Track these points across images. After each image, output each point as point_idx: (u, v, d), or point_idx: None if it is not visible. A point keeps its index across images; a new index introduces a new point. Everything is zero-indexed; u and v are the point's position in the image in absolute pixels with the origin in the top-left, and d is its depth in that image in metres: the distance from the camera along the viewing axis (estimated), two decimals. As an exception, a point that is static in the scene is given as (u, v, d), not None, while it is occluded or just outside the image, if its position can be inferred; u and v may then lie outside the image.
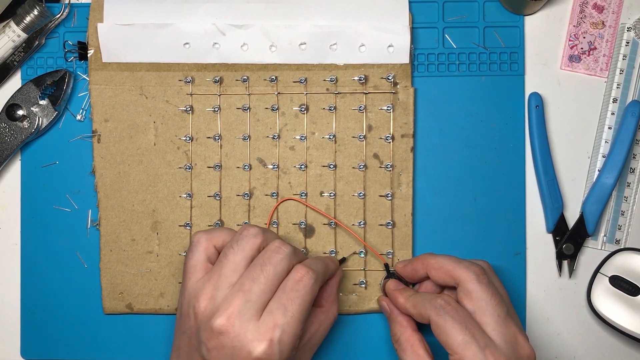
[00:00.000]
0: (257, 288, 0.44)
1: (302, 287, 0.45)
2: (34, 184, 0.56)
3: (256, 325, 0.43)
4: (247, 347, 0.43)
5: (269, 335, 0.43)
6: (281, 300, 0.45)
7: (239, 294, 0.44)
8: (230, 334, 0.43)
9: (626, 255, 0.55)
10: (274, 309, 0.44)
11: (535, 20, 0.57)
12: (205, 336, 0.44)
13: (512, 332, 0.46)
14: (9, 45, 0.55)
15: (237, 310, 0.44)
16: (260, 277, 0.45)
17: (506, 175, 0.56)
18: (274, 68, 0.55)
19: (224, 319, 0.43)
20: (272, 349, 0.43)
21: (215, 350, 0.43)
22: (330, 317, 0.51)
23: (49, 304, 0.56)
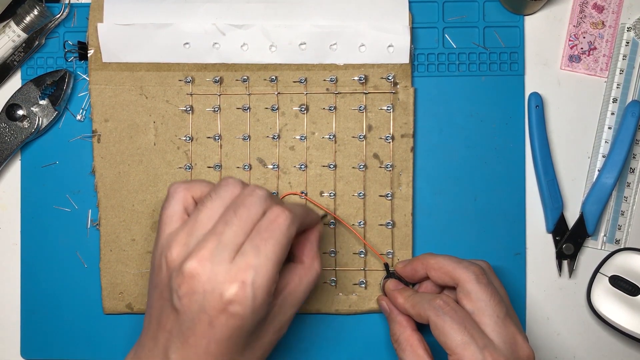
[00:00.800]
0: (230, 231, 0.42)
1: (276, 227, 0.43)
2: (34, 184, 0.56)
3: (228, 267, 0.41)
4: (219, 289, 0.41)
5: (241, 276, 0.41)
6: (254, 242, 0.42)
7: (212, 237, 0.42)
8: (201, 277, 0.41)
9: (626, 255, 0.55)
10: (247, 251, 0.42)
11: (535, 20, 0.57)
12: (177, 283, 0.42)
13: (511, 333, 0.46)
14: (9, 45, 0.56)
15: (208, 253, 0.42)
16: (233, 220, 0.43)
17: (506, 175, 0.56)
18: (274, 68, 0.55)
19: (195, 262, 0.41)
20: (245, 291, 0.41)
21: (187, 297, 0.41)
22: (311, 273, 0.47)
23: (49, 304, 0.56)
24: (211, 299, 0.41)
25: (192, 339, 0.42)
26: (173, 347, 0.42)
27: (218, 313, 0.41)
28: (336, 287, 0.56)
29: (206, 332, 0.41)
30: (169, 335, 0.43)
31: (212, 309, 0.41)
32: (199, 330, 0.41)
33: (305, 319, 0.56)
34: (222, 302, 0.41)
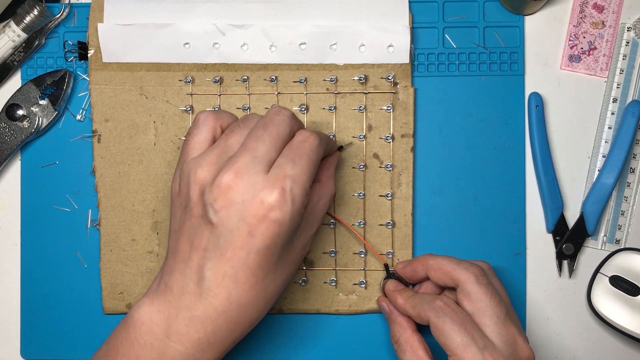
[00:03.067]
0: (262, 146, 0.43)
1: (307, 146, 0.45)
2: (34, 184, 0.56)
3: (265, 177, 0.42)
4: (259, 196, 0.41)
5: (279, 184, 0.42)
6: (288, 156, 0.44)
7: (245, 152, 0.43)
8: (239, 187, 0.42)
9: (626, 255, 0.55)
10: (282, 163, 0.43)
11: (535, 20, 0.57)
12: (212, 197, 0.42)
13: (512, 334, 0.46)
14: (9, 45, 0.56)
15: (244, 165, 0.42)
16: (264, 136, 0.44)
17: (506, 175, 0.56)
18: (274, 68, 0.55)
19: (231, 174, 0.42)
20: (285, 198, 0.42)
21: (224, 209, 0.42)
22: (328, 190, 0.49)
23: (49, 304, 0.56)
24: (251, 207, 0.41)
25: (230, 252, 0.42)
26: (209, 264, 0.43)
27: (259, 221, 0.41)
28: (336, 287, 0.56)
29: (245, 243, 0.42)
30: (204, 252, 0.43)
31: (253, 216, 0.41)
32: (237, 242, 0.42)
33: (305, 319, 0.56)
34: (264, 208, 0.41)
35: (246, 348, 0.56)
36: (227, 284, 0.43)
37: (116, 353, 0.44)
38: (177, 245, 0.45)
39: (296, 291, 0.56)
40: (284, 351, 0.56)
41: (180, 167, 0.46)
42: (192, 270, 0.43)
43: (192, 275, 0.43)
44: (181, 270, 0.44)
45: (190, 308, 0.43)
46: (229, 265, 0.42)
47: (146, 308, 0.44)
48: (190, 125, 0.47)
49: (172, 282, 0.44)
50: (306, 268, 0.55)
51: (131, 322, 0.44)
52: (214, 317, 0.43)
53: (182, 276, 0.44)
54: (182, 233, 0.44)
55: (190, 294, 0.43)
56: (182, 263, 0.44)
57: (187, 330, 0.43)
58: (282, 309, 0.56)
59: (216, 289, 0.43)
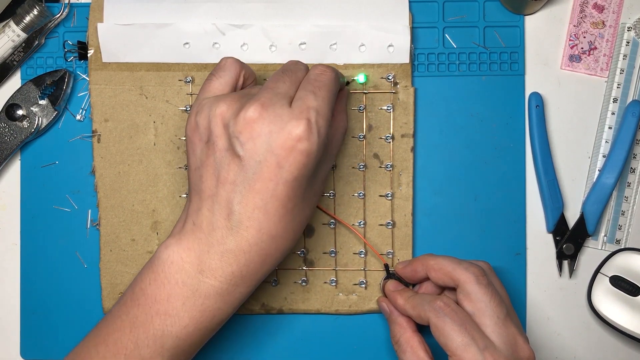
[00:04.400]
0: (282, 85, 0.44)
1: (325, 78, 0.46)
2: (34, 184, 0.56)
3: (290, 110, 0.43)
4: (286, 128, 0.42)
5: (304, 115, 0.42)
6: (308, 88, 0.44)
7: (266, 90, 0.44)
8: (265, 119, 0.42)
9: (626, 255, 0.55)
10: (303, 96, 0.44)
11: (535, 20, 0.57)
12: (238, 129, 0.42)
13: (512, 334, 0.46)
14: (8, 45, 0.55)
15: (268, 99, 0.43)
16: (284, 78, 0.45)
17: (506, 175, 0.56)
18: (274, 68, 0.55)
19: (257, 106, 0.42)
20: (311, 129, 0.42)
21: (251, 141, 0.42)
22: (342, 124, 0.51)
23: (49, 304, 0.56)
24: (279, 139, 0.42)
25: (259, 184, 0.42)
26: (238, 198, 0.43)
27: (287, 152, 0.42)
28: (336, 287, 0.56)
29: (274, 174, 0.42)
30: (232, 186, 0.43)
31: (281, 147, 0.42)
32: (266, 173, 0.42)
33: (305, 319, 0.56)
34: (291, 139, 0.42)
35: (246, 348, 0.56)
36: (258, 216, 0.43)
37: (144, 295, 0.44)
38: (201, 181, 0.44)
39: (296, 291, 0.56)
40: (284, 351, 0.56)
41: (199, 103, 0.45)
42: (221, 206, 0.43)
43: (221, 210, 0.43)
44: (209, 207, 0.44)
45: (222, 243, 0.43)
46: (259, 197, 0.42)
47: (174, 247, 0.44)
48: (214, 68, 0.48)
49: (201, 220, 0.44)
50: (306, 268, 0.55)
51: (159, 263, 0.44)
52: (247, 250, 0.43)
53: (210, 213, 0.44)
54: (207, 168, 0.44)
55: (220, 229, 0.43)
56: (210, 199, 0.44)
57: (220, 265, 0.43)
58: (282, 309, 0.56)
59: (247, 222, 0.43)
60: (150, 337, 0.44)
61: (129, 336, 0.44)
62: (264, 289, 0.56)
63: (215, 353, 0.56)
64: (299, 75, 0.46)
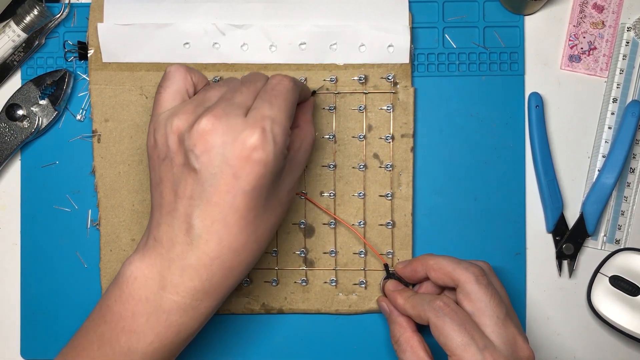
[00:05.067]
0: (239, 95, 0.44)
1: (282, 87, 0.45)
2: (34, 184, 0.56)
3: (244, 120, 0.42)
4: (240, 138, 0.41)
5: (259, 124, 0.42)
6: (264, 98, 0.44)
7: (222, 100, 0.43)
8: (218, 130, 0.41)
9: (626, 255, 0.55)
10: (259, 105, 0.43)
11: (535, 20, 0.57)
12: (192, 142, 0.42)
13: (512, 334, 0.46)
14: (9, 45, 0.56)
15: (221, 110, 0.42)
16: (242, 89, 0.44)
17: (506, 175, 0.56)
18: (274, 68, 0.55)
19: (210, 117, 0.42)
20: (266, 137, 0.41)
21: (205, 153, 0.41)
22: (309, 134, 0.49)
23: (49, 304, 0.56)
24: (233, 149, 0.41)
25: (216, 197, 0.42)
26: (196, 212, 0.42)
27: (242, 162, 0.41)
28: (336, 287, 0.56)
29: (231, 185, 0.41)
30: (190, 200, 0.42)
31: (236, 158, 0.41)
32: (222, 185, 0.41)
33: (305, 319, 0.56)
34: (246, 149, 0.41)
35: (246, 348, 0.56)
36: (217, 229, 0.42)
37: (110, 312, 0.44)
38: (161, 197, 0.44)
39: (296, 291, 0.56)
40: (284, 351, 0.56)
41: (154, 120, 0.45)
42: (180, 221, 0.43)
43: (181, 225, 0.43)
44: (169, 223, 0.43)
45: (183, 258, 0.43)
46: (217, 210, 0.42)
47: (137, 263, 0.44)
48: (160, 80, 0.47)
49: (161, 235, 0.44)
50: (306, 268, 0.56)
51: (123, 280, 0.44)
52: (208, 264, 0.43)
53: (170, 228, 0.43)
54: (165, 184, 0.44)
55: (181, 244, 0.43)
56: (169, 215, 0.43)
57: (181, 280, 0.43)
58: (282, 309, 0.56)
59: (206, 236, 0.42)
60: (118, 354, 0.43)
61: (97, 353, 0.44)
62: (264, 289, 0.56)
63: (216, 353, 0.56)
64: (258, 85, 0.46)
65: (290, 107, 0.45)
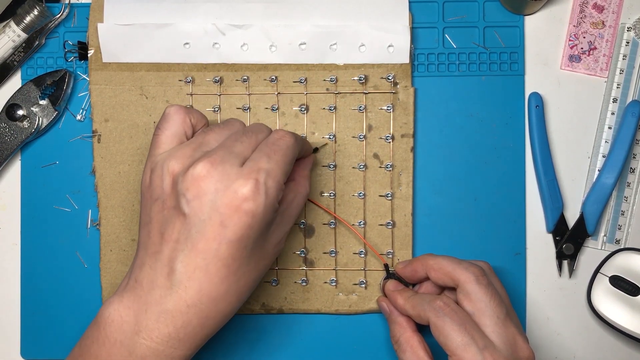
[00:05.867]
0: (239, 145, 0.44)
1: (283, 143, 0.45)
2: (34, 184, 0.56)
3: (240, 170, 0.42)
4: (232, 187, 0.41)
5: (254, 176, 0.42)
6: (263, 151, 0.44)
7: (221, 147, 0.43)
8: (212, 177, 0.41)
9: (626, 255, 0.55)
10: (257, 157, 0.43)
11: (535, 20, 0.57)
12: (185, 186, 0.42)
13: (512, 334, 0.46)
14: (9, 45, 0.56)
15: (219, 157, 0.42)
16: (243, 138, 0.45)
17: (506, 175, 0.56)
18: (274, 68, 0.55)
19: (207, 164, 0.42)
20: (259, 189, 0.41)
21: (197, 199, 0.41)
22: (303, 189, 0.49)
23: (49, 304, 0.56)
24: (224, 197, 0.41)
25: (201, 244, 0.41)
26: (180, 257, 0.42)
27: (231, 211, 0.41)
28: (336, 287, 0.56)
29: (217, 234, 0.41)
30: (175, 244, 0.42)
31: (226, 207, 0.41)
32: (209, 233, 0.41)
33: (305, 319, 0.56)
34: (237, 198, 0.41)
35: (245, 348, 0.56)
36: (198, 277, 0.42)
37: (88, 353, 0.44)
38: (148, 238, 0.44)
39: (296, 291, 0.56)
40: (284, 351, 0.56)
41: (151, 160, 0.45)
42: (163, 264, 0.43)
43: (163, 268, 0.43)
44: (151, 264, 0.43)
45: (160, 302, 0.42)
46: (201, 257, 0.42)
47: (115, 305, 0.43)
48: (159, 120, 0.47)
49: (142, 277, 0.43)
50: (306, 268, 0.56)
51: (101, 321, 0.43)
52: (185, 311, 0.42)
53: (152, 270, 0.43)
54: (153, 225, 0.44)
55: (160, 288, 0.42)
56: (153, 256, 0.43)
57: (156, 326, 0.42)
58: (282, 309, 0.56)
59: (187, 282, 0.42)
60: None
61: None
62: (264, 289, 0.56)
63: (215, 353, 0.56)
64: (259, 137, 0.46)
65: (288, 163, 0.45)
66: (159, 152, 0.45)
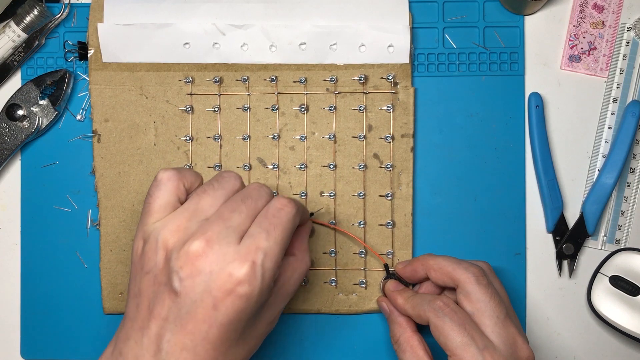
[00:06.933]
0: (237, 217, 0.42)
1: (284, 215, 0.43)
2: (34, 184, 0.56)
3: (237, 248, 0.40)
4: (227, 269, 0.39)
5: (251, 257, 0.40)
6: (263, 225, 0.42)
7: (218, 220, 0.41)
8: (208, 256, 0.40)
9: (626, 255, 0.55)
10: (256, 233, 0.41)
11: (535, 20, 0.57)
12: (179, 264, 0.40)
13: (511, 334, 0.46)
14: (9, 45, 0.56)
15: (215, 234, 0.40)
16: (241, 208, 0.42)
17: (506, 175, 0.56)
18: (274, 68, 0.55)
19: (203, 241, 0.40)
20: (255, 272, 0.40)
21: (190, 278, 0.40)
22: (303, 265, 0.47)
23: (49, 304, 0.56)
24: (218, 279, 0.40)
25: (191, 325, 0.40)
26: (167, 336, 0.40)
27: (225, 294, 0.40)
28: (336, 287, 0.56)
29: (208, 316, 0.40)
30: (164, 322, 0.40)
31: (219, 289, 0.40)
32: (200, 314, 0.40)
33: (305, 319, 0.56)
34: (231, 281, 0.39)
35: (246, 348, 0.56)
36: (185, 358, 0.40)
37: None
38: (137, 311, 0.42)
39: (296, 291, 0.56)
40: (283, 351, 0.56)
41: (143, 229, 0.43)
42: (150, 340, 0.41)
43: (150, 345, 0.41)
44: (137, 339, 0.41)
45: None
46: (189, 338, 0.40)
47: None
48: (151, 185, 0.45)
49: (127, 351, 0.41)
50: (306, 268, 0.56)
51: None
52: None
53: (138, 346, 0.41)
54: (143, 299, 0.42)
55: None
56: (140, 331, 0.41)
57: None
58: (282, 309, 0.56)
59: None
60: None
61: None
62: (264, 289, 0.56)
63: (215, 353, 0.56)
64: (259, 204, 0.44)
65: (288, 238, 0.43)
66: (151, 220, 0.43)
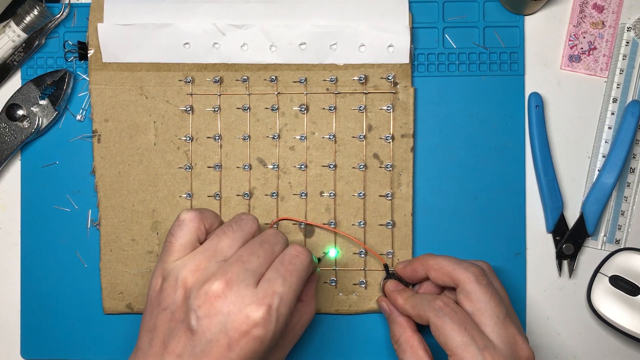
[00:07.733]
0: (256, 260, 0.44)
1: (299, 262, 0.45)
2: (34, 184, 0.56)
3: (254, 291, 0.42)
4: (245, 311, 0.41)
5: (267, 301, 0.42)
6: (279, 271, 0.44)
7: (238, 263, 0.43)
8: (227, 298, 0.42)
9: (626, 255, 0.55)
10: (273, 278, 0.43)
11: (535, 20, 0.57)
12: (197, 303, 0.42)
13: (511, 334, 0.46)
14: (9, 45, 0.56)
15: (235, 275, 0.42)
16: (259, 251, 0.44)
17: (506, 175, 0.56)
18: (274, 68, 0.55)
19: (222, 282, 0.42)
20: (270, 316, 0.42)
21: (207, 317, 0.41)
22: (309, 311, 0.50)
23: (49, 304, 0.56)
24: (235, 320, 0.41)
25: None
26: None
27: (240, 335, 0.41)
28: (336, 287, 0.56)
29: (223, 355, 0.41)
30: (178, 359, 0.42)
31: (235, 330, 0.41)
32: (215, 353, 0.41)
33: (305, 319, 0.56)
34: (248, 323, 0.41)
35: (246, 348, 0.56)
36: None
37: None
38: (149, 346, 0.43)
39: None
40: (284, 351, 0.56)
41: (163, 267, 0.45)
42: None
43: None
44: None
45: None
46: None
47: None
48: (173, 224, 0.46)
49: None
50: (306, 268, 0.56)
51: None
52: None
53: None
54: (157, 334, 0.43)
55: None
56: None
57: None
58: (282, 309, 0.56)
59: None
60: None
61: None
62: (264, 289, 0.56)
63: (215, 353, 0.56)
64: (276, 249, 0.46)
65: (302, 285, 0.45)
66: (171, 259, 0.45)
